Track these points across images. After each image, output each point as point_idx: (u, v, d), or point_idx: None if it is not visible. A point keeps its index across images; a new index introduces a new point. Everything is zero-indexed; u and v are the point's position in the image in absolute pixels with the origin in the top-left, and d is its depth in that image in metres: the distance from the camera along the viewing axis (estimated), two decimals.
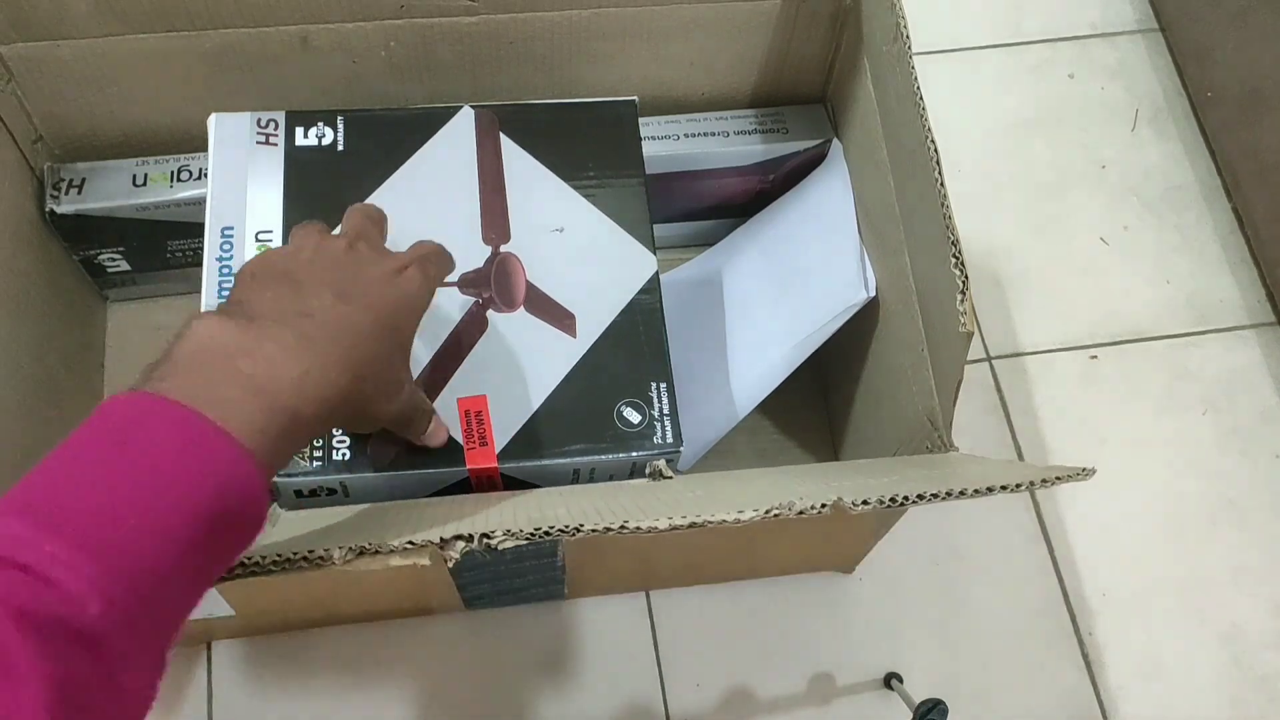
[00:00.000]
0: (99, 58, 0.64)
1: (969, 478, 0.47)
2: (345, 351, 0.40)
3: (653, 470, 0.52)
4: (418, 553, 0.41)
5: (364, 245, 0.46)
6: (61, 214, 0.67)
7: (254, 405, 0.36)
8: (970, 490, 0.44)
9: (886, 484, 0.47)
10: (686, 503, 0.46)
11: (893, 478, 0.49)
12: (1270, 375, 0.84)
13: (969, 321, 0.50)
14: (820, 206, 0.71)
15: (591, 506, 0.47)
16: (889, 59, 0.60)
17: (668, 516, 0.42)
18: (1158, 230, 0.90)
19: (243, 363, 0.36)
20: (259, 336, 0.38)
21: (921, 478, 0.49)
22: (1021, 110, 0.94)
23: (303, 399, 0.37)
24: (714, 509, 0.43)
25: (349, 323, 0.41)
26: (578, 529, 0.42)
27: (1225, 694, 0.73)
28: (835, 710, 0.71)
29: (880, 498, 0.43)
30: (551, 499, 0.50)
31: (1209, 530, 0.78)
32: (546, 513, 0.46)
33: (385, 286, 0.44)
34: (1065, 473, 0.45)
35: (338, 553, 0.41)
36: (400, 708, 0.68)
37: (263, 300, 0.41)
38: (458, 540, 0.42)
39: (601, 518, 0.43)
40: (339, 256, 0.45)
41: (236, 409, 0.35)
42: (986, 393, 0.82)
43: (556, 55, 0.69)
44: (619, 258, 0.62)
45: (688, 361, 0.67)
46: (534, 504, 0.49)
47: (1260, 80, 0.84)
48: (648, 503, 0.47)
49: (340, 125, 0.62)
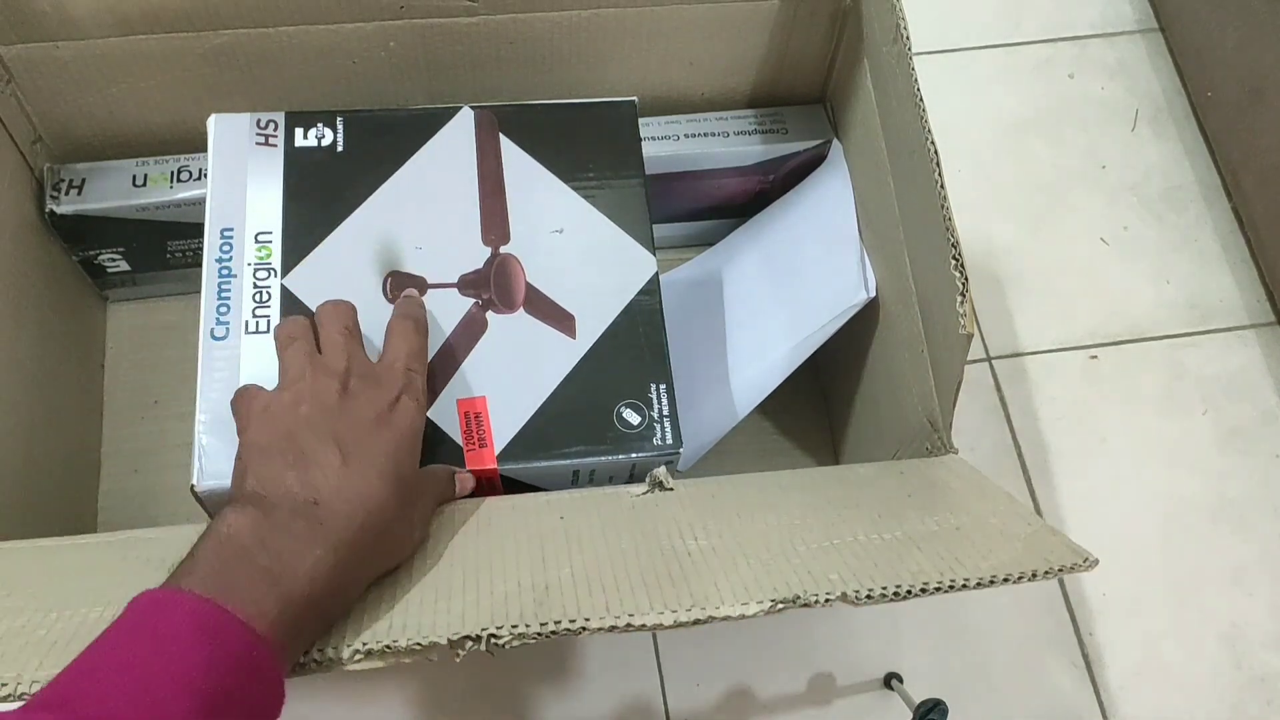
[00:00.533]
0: (99, 58, 0.64)
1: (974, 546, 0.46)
2: (356, 530, 0.42)
3: (653, 480, 0.52)
4: (426, 651, 0.42)
5: (355, 381, 0.48)
6: (61, 214, 0.67)
7: (269, 596, 0.38)
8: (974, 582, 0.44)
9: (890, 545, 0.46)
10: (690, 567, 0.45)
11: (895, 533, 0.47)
12: (1270, 375, 0.84)
13: (969, 323, 0.50)
14: (820, 207, 0.71)
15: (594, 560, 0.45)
16: (889, 59, 0.60)
17: (672, 609, 0.43)
18: (1158, 230, 0.90)
19: (259, 557, 0.39)
20: (273, 529, 0.40)
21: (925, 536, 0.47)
22: (1021, 110, 0.94)
23: (316, 585, 0.40)
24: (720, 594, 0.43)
25: (356, 494, 0.43)
26: (584, 626, 0.42)
27: (1225, 694, 0.73)
28: (835, 710, 0.71)
29: (884, 589, 0.43)
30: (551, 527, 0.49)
31: (1209, 530, 0.78)
32: (550, 575, 0.45)
33: (382, 430, 0.47)
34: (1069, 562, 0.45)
35: (346, 652, 0.41)
36: (400, 707, 0.68)
37: (274, 483, 0.43)
38: (466, 640, 0.42)
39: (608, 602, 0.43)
40: (334, 406, 0.46)
41: (252, 599, 0.38)
42: (986, 393, 0.82)
43: (556, 55, 0.69)
44: (619, 259, 0.62)
45: (688, 362, 0.67)
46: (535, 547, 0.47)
47: (1260, 80, 0.84)
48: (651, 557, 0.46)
49: (340, 126, 0.62)
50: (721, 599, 0.43)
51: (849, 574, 0.44)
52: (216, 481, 0.53)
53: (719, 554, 0.46)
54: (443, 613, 0.43)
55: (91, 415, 0.74)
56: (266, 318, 0.57)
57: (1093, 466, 0.80)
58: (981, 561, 0.45)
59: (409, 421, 0.48)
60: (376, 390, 0.48)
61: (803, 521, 0.49)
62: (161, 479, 0.73)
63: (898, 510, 0.49)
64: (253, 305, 0.57)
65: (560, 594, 0.44)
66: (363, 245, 0.60)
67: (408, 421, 0.48)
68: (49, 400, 0.67)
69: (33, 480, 0.64)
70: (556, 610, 0.42)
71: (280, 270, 0.58)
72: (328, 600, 0.41)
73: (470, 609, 0.43)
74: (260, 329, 0.57)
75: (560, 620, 0.42)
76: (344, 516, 0.42)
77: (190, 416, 0.54)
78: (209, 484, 0.53)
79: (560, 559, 0.46)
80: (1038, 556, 0.45)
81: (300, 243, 0.59)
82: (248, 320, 0.57)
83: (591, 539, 0.48)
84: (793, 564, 0.45)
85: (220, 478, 0.53)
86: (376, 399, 0.48)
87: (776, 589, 0.43)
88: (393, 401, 0.48)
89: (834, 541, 0.47)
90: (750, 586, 0.44)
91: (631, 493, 0.51)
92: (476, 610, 0.43)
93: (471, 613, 0.43)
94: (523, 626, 0.42)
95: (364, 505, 0.43)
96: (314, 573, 0.40)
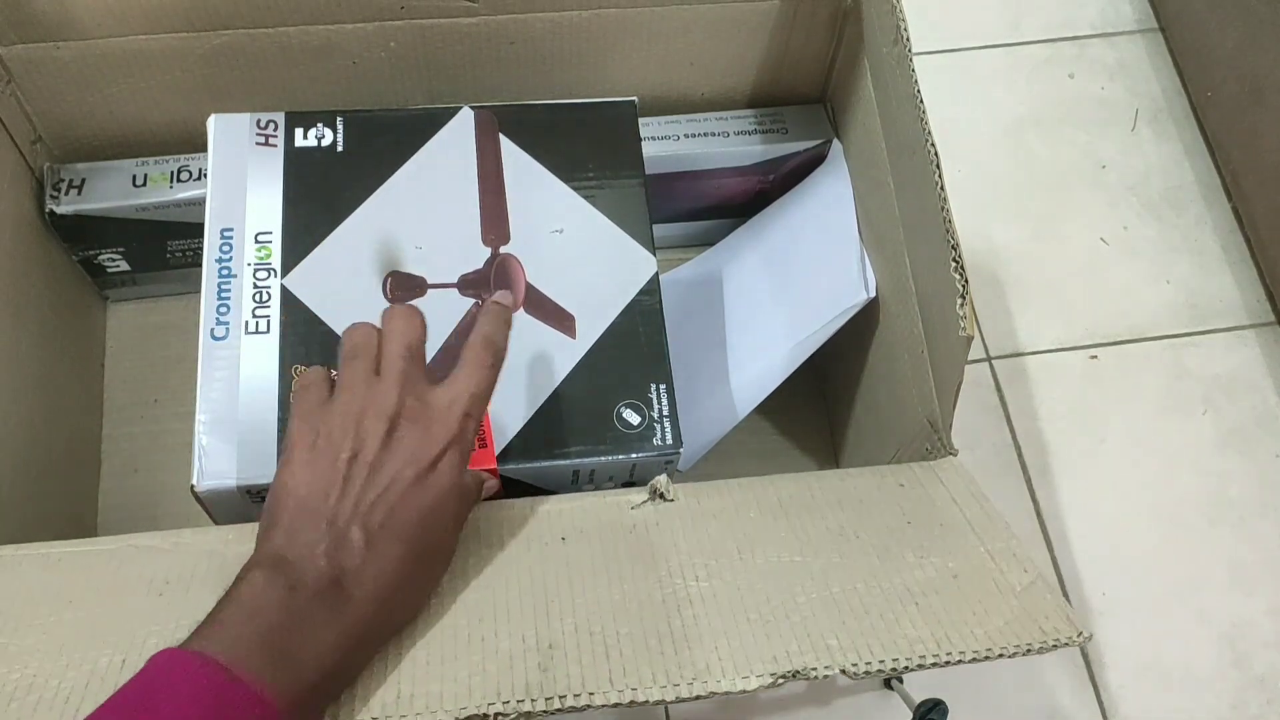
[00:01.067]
0: (99, 58, 0.64)
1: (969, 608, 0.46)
2: (374, 609, 0.42)
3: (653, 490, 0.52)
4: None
5: (404, 426, 0.45)
6: (61, 214, 0.67)
7: (287, 674, 0.38)
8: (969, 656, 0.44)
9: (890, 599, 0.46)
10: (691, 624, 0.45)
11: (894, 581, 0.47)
12: (1270, 375, 0.84)
13: (969, 325, 0.50)
14: (820, 207, 0.71)
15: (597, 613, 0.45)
16: (889, 60, 0.60)
17: (674, 685, 0.42)
18: (1158, 230, 0.90)
19: (278, 635, 0.39)
20: (295, 607, 0.40)
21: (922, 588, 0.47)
22: (1021, 110, 0.94)
23: (331, 664, 0.40)
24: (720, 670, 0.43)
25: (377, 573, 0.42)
26: (589, 704, 0.42)
27: (1225, 694, 0.73)
28: (835, 710, 0.71)
29: (880, 663, 0.43)
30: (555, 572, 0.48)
31: (1209, 530, 0.78)
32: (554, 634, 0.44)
33: (417, 494, 0.44)
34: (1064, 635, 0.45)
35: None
36: None
37: (303, 551, 0.42)
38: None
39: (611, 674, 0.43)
40: (374, 460, 0.44)
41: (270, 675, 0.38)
42: (986, 393, 0.82)
43: (556, 55, 0.69)
44: (619, 259, 0.62)
45: (688, 362, 0.67)
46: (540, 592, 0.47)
47: (1260, 80, 0.84)
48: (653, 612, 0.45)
49: (340, 126, 0.62)
50: (723, 671, 0.43)
51: (848, 640, 0.44)
52: (216, 482, 0.53)
53: (720, 603, 0.46)
54: (449, 680, 0.42)
55: (91, 415, 0.74)
56: (266, 318, 0.57)
57: (1093, 466, 0.80)
58: (977, 628, 0.45)
59: (448, 482, 0.45)
60: (423, 440, 0.45)
61: (803, 560, 0.48)
62: (161, 479, 0.73)
63: (897, 551, 0.49)
64: (253, 306, 0.57)
65: (565, 658, 0.43)
66: (363, 245, 0.60)
67: (448, 482, 0.45)
68: (49, 400, 0.67)
69: (33, 480, 0.64)
70: (561, 683, 0.42)
71: (280, 270, 0.58)
72: (340, 676, 0.41)
73: (476, 675, 0.42)
74: (260, 329, 0.57)
75: (565, 695, 0.42)
76: (362, 601, 0.41)
77: (190, 416, 0.55)
78: (209, 484, 0.53)
79: (564, 608, 0.45)
80: (1032, 625, 0.45)
81: (300, 243, 0.59)
82: (248, 321, 0.57)
83: (594, 576, 0.47)
84: (792, 622, 0.45)
85: (220, 478, 0.53)
86: (419, 452, 0.45)
87: (777, 659, 0.43)
88: (437, 457, 0.45)
89: (833, 591, 0.46)
90: (751, 655, 0.44)
91: (631, 502, 0.51)
92: (483, 678, 0.42)
93: (478, 680, 0.42)
94: (529, 703, 0.42)
95: (384, 585, 0.42)
96: (331, 655, 0.40)
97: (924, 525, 0.52)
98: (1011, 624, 0.45)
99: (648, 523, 0.50)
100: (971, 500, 0.53)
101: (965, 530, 0.51)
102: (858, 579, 0.47)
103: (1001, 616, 0.46)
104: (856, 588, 0.47)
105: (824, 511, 0.52)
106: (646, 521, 0.50)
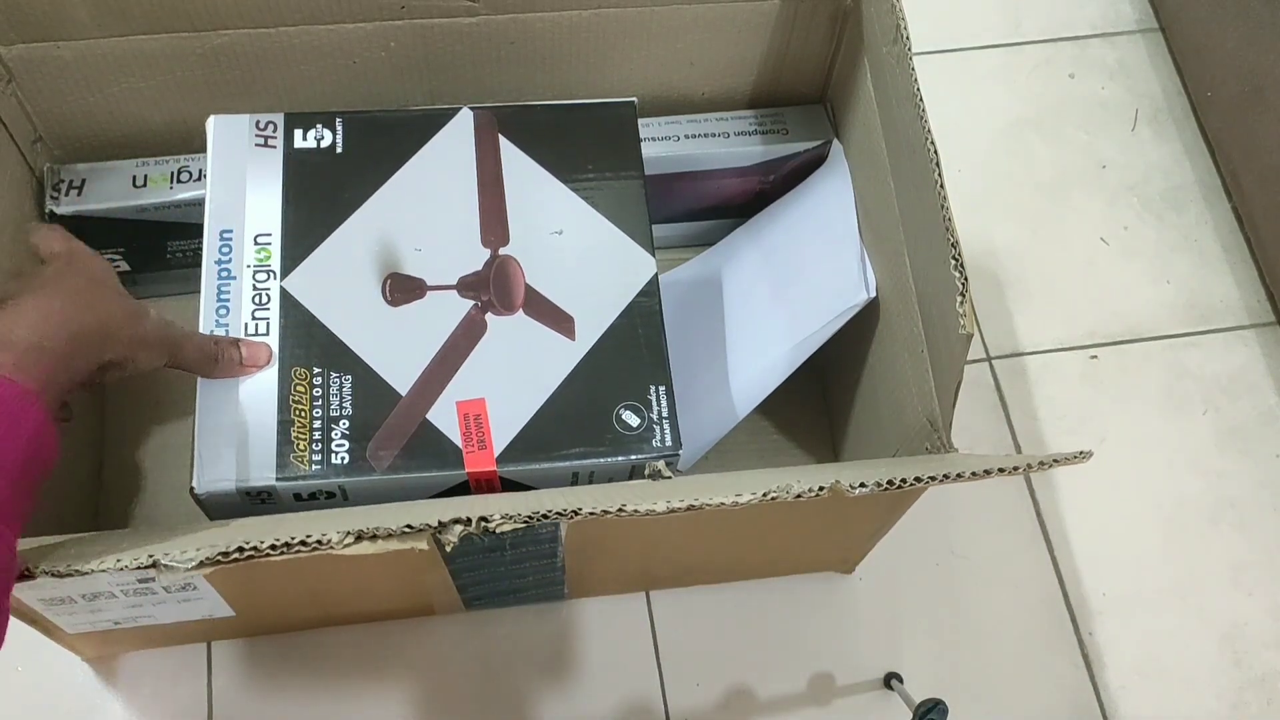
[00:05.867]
0: (99, 58, 0.64)
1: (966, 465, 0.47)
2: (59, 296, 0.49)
3: (651, 471, 0.52)
4: (415, 536, 0.42)
5: None
6: (61, 215, 0.67)
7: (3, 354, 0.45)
8: (968, 473, 0.44)
9: (884, 471, 0.47)
10: (685, 487, 0.46)
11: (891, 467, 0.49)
12: (1270, 375, 0.84)
13: (969, 324, 0.50)
14: (821, 207, 0.71)
15: (590, 498, 0.47)
16: (889, 60, 0.60)
17: (665, 500, 0.43)
18: (1158, 230, 0.90)
19: None
20: None
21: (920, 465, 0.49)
22: (1021, 110, 0.94)
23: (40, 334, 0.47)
24: (712, 494, 0.44)
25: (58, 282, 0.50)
26: (576, 512, 0.42)
27: (1225, 694, 0.73)
28: (835, 710, 0.71)
29: (878, 480, 0.44)
30: (551, 496, 0.50)
31: (1209, 530, 0.78)
32: (544, 502, 0.46)
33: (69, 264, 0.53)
34: (1063, 456, 0.45)
35: (335, 536, 0.41)
36: (400, 708, 0.68)
37: None
38: (455, 524, 0.42)
39: (599, 504, 0.43)
40: None
41: None
42: (986, 393, 0.82)
43: (556, 55, 0.69)
44: (618, 260, 0.62)
45: (687, 362, 0.67)
46: (532, 497, 0.49)
47: (1261, 79, 0.84)
48: (646, 494, 0.47)
49: (339, 127, 0.62)
50: (714, 494, 0.44)
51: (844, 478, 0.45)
52: (215, 484, 0.53)
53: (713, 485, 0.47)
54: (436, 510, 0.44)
55: (91, 415, 0.74)
56: (266, 319, 0.57)
57: (1093, 466, 0.79)
58: (977, 465, 0.46)
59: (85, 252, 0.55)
60: None
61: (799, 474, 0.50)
62: (161, 479, 0.73)
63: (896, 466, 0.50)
64: (252, 307, 0.57)
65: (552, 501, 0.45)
66: (362, 247, 0.60)
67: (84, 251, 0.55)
68: None
69: None
70: (548, 503, 0.43)
71: (279, 273, 0.58)
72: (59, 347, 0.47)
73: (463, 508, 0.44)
74: (259, 331, 0.57)
75: (551, 509, 0.42)
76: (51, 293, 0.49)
77: (190, 418, 0.55)
78: (208, 486, 0.53)
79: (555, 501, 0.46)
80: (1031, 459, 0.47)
81: (300, 245, 0.59)
82: (247, 322, 0.57)
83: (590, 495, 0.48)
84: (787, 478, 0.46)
85: (219, 480, 0.53)
86: None
87: (769, 485, 0.44)
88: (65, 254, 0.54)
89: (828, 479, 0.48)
90: (743, 489, 0.44)
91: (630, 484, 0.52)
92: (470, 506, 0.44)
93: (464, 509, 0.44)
94: (513, 512, 0.42)
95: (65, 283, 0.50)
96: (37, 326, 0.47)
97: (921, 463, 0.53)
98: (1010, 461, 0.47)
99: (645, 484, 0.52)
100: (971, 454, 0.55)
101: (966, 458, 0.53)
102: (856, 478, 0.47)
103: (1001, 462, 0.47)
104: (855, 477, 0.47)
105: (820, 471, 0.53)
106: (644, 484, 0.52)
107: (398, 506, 0.52)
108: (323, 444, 0.54)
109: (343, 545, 0.41)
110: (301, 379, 0.56)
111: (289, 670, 0.69)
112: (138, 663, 0.68)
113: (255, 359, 0.56)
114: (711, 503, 0.43)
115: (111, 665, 0.68)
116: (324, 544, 0.41)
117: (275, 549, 0.41)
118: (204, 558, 0.41)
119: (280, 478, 0.54)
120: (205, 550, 0.41)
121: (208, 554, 0.41)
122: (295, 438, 0.55)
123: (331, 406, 0.55)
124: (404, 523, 0.42)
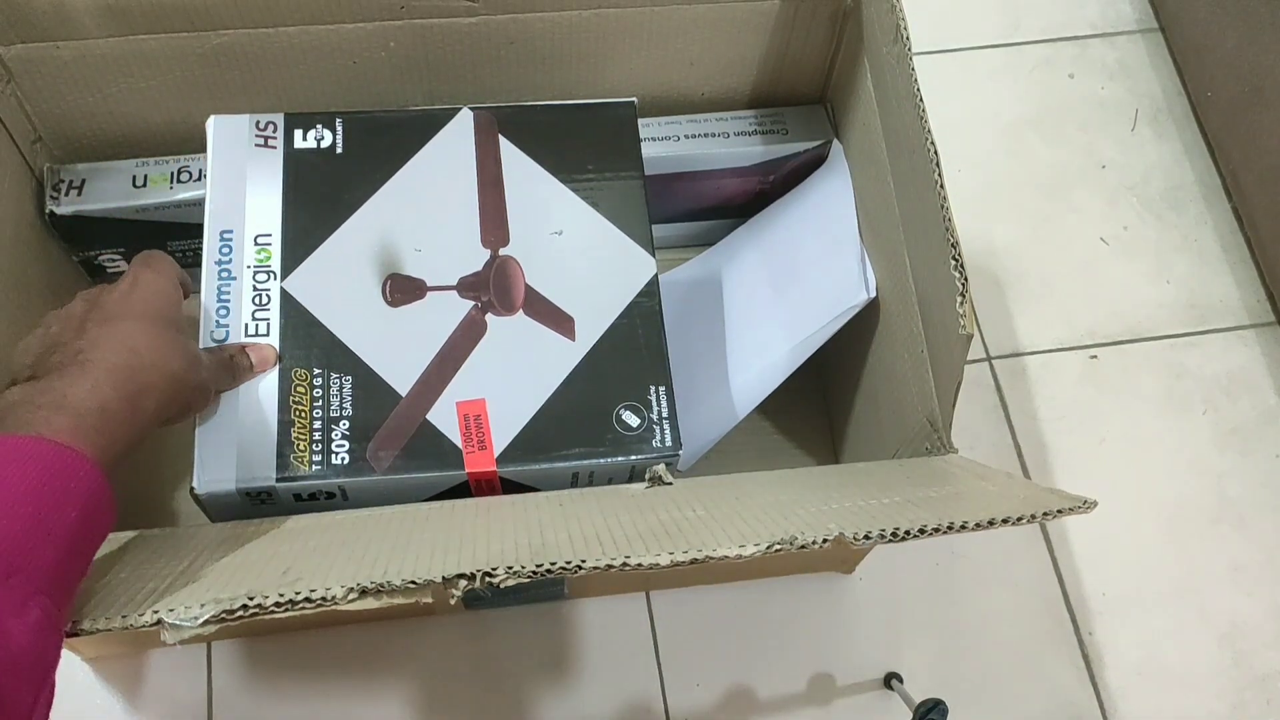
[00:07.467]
0: (99, 58, 0.64)
1: (971, 504, 0.47)
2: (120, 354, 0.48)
3: (652, 476, 0.52)
4: (420, 591, 0.42)
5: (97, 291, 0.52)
6: (61, 215, 0.67)
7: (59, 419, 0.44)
8: (972, 524, 0.44)
9: (888, 506, 0.47)
10: (688, 526, 0.46)
11: (894, 498, 0.48)
12: (1270, 375, 0.84)
13: (969, 324, 0.50)
14: (821, 207, 0.71)
15: (592, 529, 0.46)
16: (889, 60, 0.60)
17: (669, 551, 0.43)
18: (1158, 230, 0.90)
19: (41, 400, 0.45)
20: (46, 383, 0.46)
21: (923, 500, 0.48)
22: (1021, 110, 0.94)
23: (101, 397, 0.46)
24: (716, 541, 0.43)
25: (115, 334, 0.49)
26: (580, 565, 0.42)
27: (1225, 694, 0.73)
28: (835, 710, 0.71)
29: (882, 531, 0.43)
30: (551, 513, 0.50)
31: (1209, 530, 0.78)
32: (548, 537, 0.45)
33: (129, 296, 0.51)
34: (1067, 504, 0.45)
35: (340, 592, 0.42)
36: (400, 708, 0.68)
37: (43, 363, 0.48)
38: (460, 579, 0.42)
39: (604, 549, 0.43)
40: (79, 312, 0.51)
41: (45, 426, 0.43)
42: (986, 393, 0.82)
43: (556, 55, 0.69)
44: (618, 260, 0.62)
45: (687, 362, 0.67)
46: (534, 522, 0.48)
47: (1260, 79, 0.84)
48: (649, 523, 0.47)
49: (339, 128, 0.62)
50: (718, 544, 0.44)
51: (848, 525, 0.45)
52: (216, 485, 0.53)
53: (718, 519, 0.47)
54: (439, 562, 0.44)
55: None
56: (266, 320, 0.57)
57: (1093, 466, 0.80)
58: (980, 512, 0.45)
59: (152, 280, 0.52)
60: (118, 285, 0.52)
61: (801, 497, 0.49)
62: (161, 479, 0.73)
63: (898, 486, 0.50)
64: (252, 308, 0.57)
65: (557, 548, 0.44)
66: (362, 248, 0.60)
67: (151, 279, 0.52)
68: None
69: None
70: (553, 555, 0.43)
71: (280, 273, 0.58)
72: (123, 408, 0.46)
73: (466, 560, 0.44)
74: (260, 331, 0.57)
75: (555, 561, 0.42)
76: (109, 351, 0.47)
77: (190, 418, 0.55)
78: (208, 486, 0.53)
79: (558, 527, 0.46)
80: (1035, 505, 0.46)
81: (300, 245, 0.59)
82: (247, 323, 0.57)
83: (590, 516, 0.48)
84: (790, 520, 0.46)
85: (219, 481, 0.53)
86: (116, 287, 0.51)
87: (774, 535, 0.44)
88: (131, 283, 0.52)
89: (832, 506, 0.47)
90: (747, 536, 0.44)
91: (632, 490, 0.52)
92: (473, 559, 0.44)
93: (468, 561, 0.44)
94: (518, 567, 0.42)
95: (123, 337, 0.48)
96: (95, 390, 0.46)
97: (925, 476, 0.53)
98: (1014, 507, 0.46)
99: (648, 495, 0.52)
100: (971, 464, 0.55)
101: (966, 476, 0.52)
102: (859, 498, 0.47)
103: (1004, 506, 0.46)
104: (857, 504, 0.47)
105: (824, 478, 0.52)
106: (647, 495, 0.52)
107: (398, 521, 0.52)
108: (323, 444, 0.54)
109: (347, 601, 0.42)
110: (301, 380, 0.56)
111: (289, 670, 0.69)
112: (138, 663, 0.68)
113: (265, 363, 0.56)
114: (715, 555, 0.43)
115: (111, 665, 0.68)
116: (329, 600, 0.42)
117: (280, 605, 0.42)
118: (209, 615, 0.41)
119: (280, 478, 0.54)
120: (210, 607, 0.42)
121: (213, 610, 0.42)
122: (295, 438, 0.55)
123: (331, 407, 0.56)
124: (407, 576, 0.42)
